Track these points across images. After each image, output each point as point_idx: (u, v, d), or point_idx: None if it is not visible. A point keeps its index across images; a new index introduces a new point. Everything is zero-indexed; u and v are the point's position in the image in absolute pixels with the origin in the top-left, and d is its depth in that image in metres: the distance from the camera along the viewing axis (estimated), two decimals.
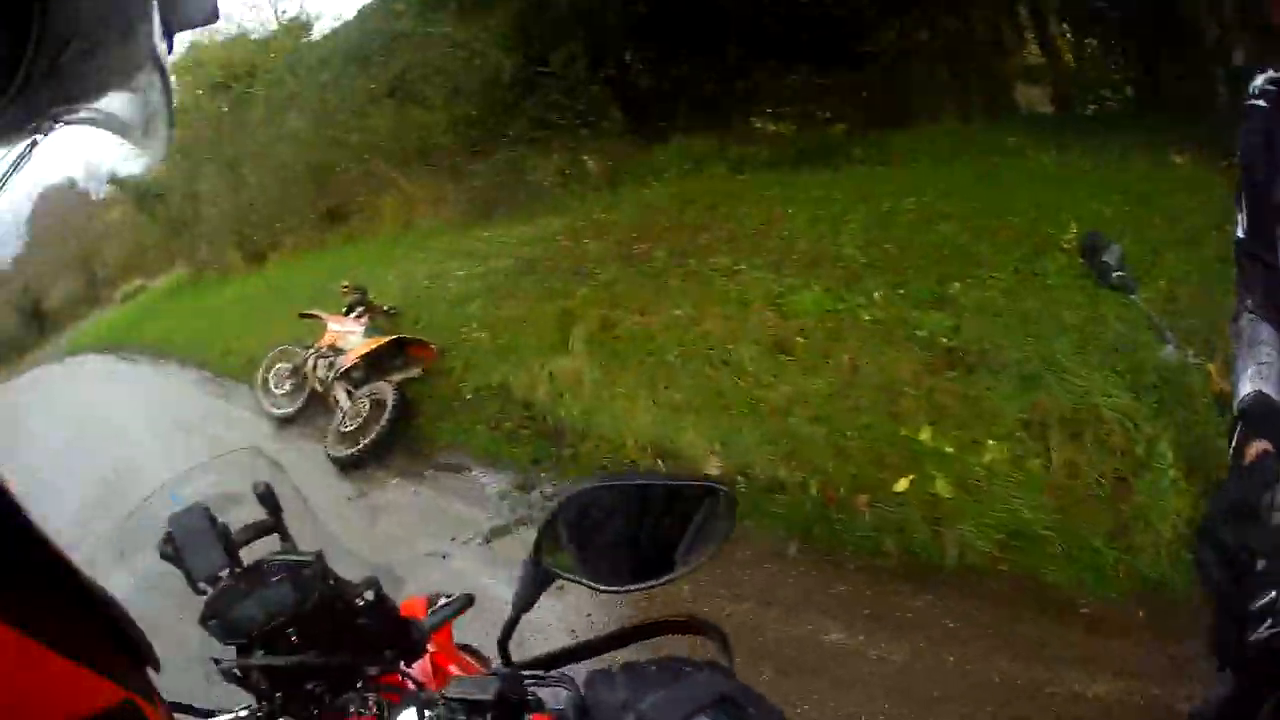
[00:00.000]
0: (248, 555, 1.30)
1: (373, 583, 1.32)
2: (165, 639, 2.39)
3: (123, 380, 16.47)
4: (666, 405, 4.75)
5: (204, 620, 1.24)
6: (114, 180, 27.72)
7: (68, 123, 0.46)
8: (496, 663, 1.23)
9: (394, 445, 6.17)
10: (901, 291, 4.54)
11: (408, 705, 1.12)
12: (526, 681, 1.05)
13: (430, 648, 1.41)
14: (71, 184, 45.35)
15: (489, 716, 1.00)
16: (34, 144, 0.48)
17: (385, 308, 7.36)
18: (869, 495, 3.59)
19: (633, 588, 1.03)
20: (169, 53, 0.50)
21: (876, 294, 4.59)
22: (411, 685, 1.25)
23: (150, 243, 28.86)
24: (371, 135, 12.71)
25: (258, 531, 1.34)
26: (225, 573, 1.25)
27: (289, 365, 7.79)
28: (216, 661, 1.24)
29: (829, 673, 3.01)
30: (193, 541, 1.27)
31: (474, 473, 5.55)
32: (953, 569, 3.29)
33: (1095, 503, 3.24)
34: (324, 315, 7.22)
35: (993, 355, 3.91)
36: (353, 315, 6.93)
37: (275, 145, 16.05)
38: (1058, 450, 3.41)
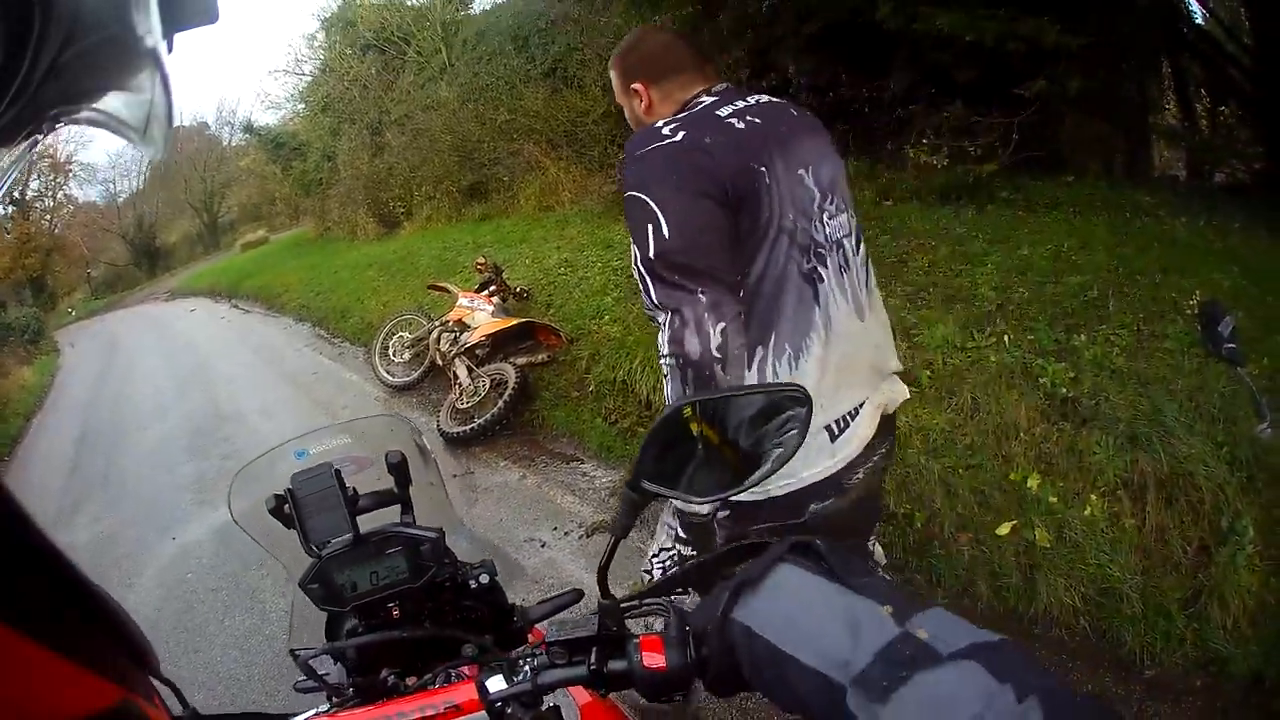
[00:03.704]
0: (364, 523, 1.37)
1: (488, 566, 1.40)
2: (228, 596, 4.88)
3: (233, 326, 17.18)
4: None
5: (305, 582, 1.33)
6: (249, 129, 29.80)
7: (68, 123, 0.51)
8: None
9: (508, 428, 6.40)
10: (1030, 337, 4.64)
11: (493, 674, 1.12)
12: (625, 615, 1.10)
13: (530, 639, 1.43)
14: (203, 127, 47.89)
15: (593, 651, 1.07)
16: (34, 144, 0.51)
17: (517, 289, 7.68)
18: (971, 535, 3.74)
19: (722, 495, 1.11)
20: (169, 52, 0.54)
21: (1006, 337, 4.68)
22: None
23: (279, 195, 30.60)
24: (522, 115, 13.13)
25: (382, 500, 1.41)
26: (342, 538, 1.33)
27: (410, 335, 8.30)
28: (295, 654, 1.31)
29: None
30: (316, 502, 1.33)
31: (585, 465, 5.77)
32: (1035, 617, 3.43)
33: (1176, 569, 3.35)
34: (454, 289, 7.59)
35: (1105, 411, 3.99)
36: (484, 293, 7.20)
37: (422, 114, 16.46)
38: (1152, 512, 3.52)
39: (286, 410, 9.36)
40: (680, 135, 1.85)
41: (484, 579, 1.37)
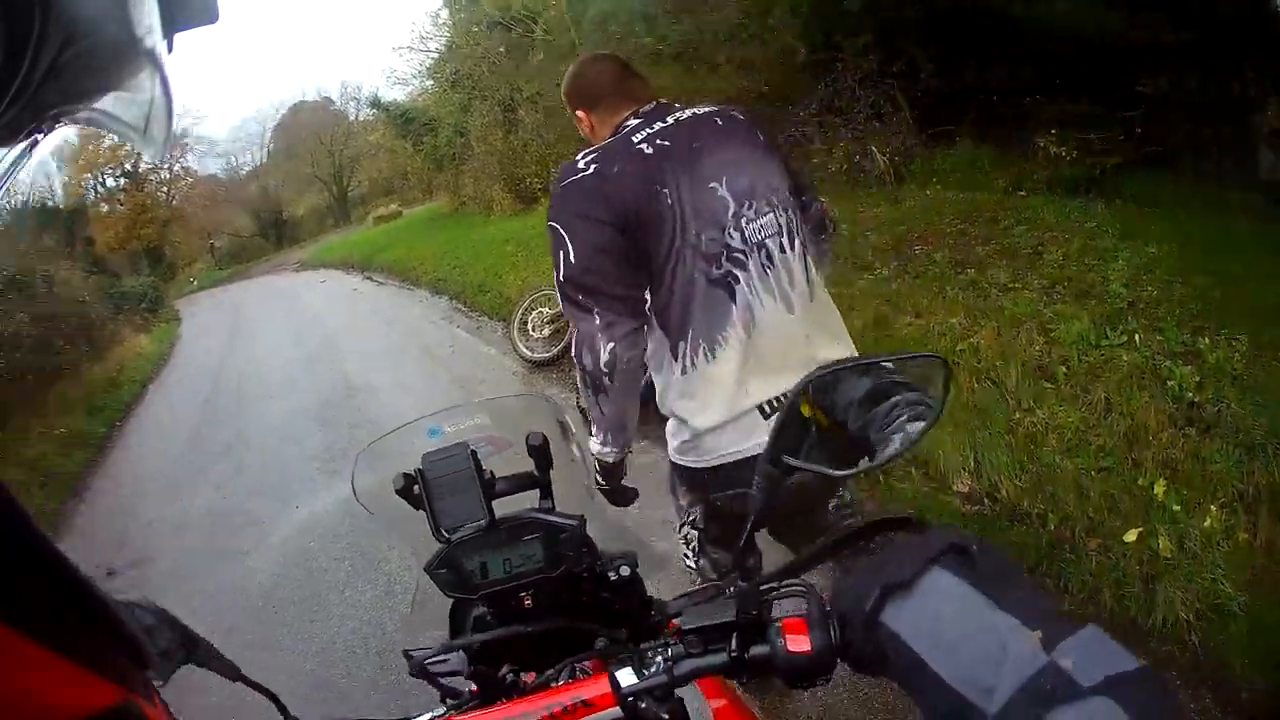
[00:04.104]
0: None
1: (629, 558, 1.32)
2: (351, 566, 5.33)
3: (366, 298, 17.43)
4: None
5: (432, 567, 1.28)
6: (376, 104, 30.18)
7: (68, 123, 0.52)
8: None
9: (650, 409, 6.72)
10: (1159, 338, 4.66)
11: (623, 666, 1.11)
12: (763, 598, 1.07)
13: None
14: (327, 102, 48.98)
15: (733, 638, 1.04)
16: (34, 144, 0.52)
17: None
18: (1099, 540, 3.68)
19: (867, 466, 1.09)
20: (169, 52, 0.55)
21: (1137, 336, 4.73)
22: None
23: (410, 170, 30.95)
24: (655, 93, 13.36)
25: (520, 484, 1.33)
26: (475, 523, 1.26)
27: (550, 310, 8.29)
28: (409, 655, 1.27)
29: None
30: (449, 484, 1.26)
31: None
32: (1152, 630, 3.33)
33: None
34: None
35: (1226, 418, 3.99)
36: None
37: (554, 91, 16.17)
38: (1263, 527, 3.45)
39: (421, 383, 9.50)
40: (591, 168, 2.13)
41: (624, 571, 1.31)
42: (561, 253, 2.13)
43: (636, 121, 2.25)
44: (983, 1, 7.65)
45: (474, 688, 1.32)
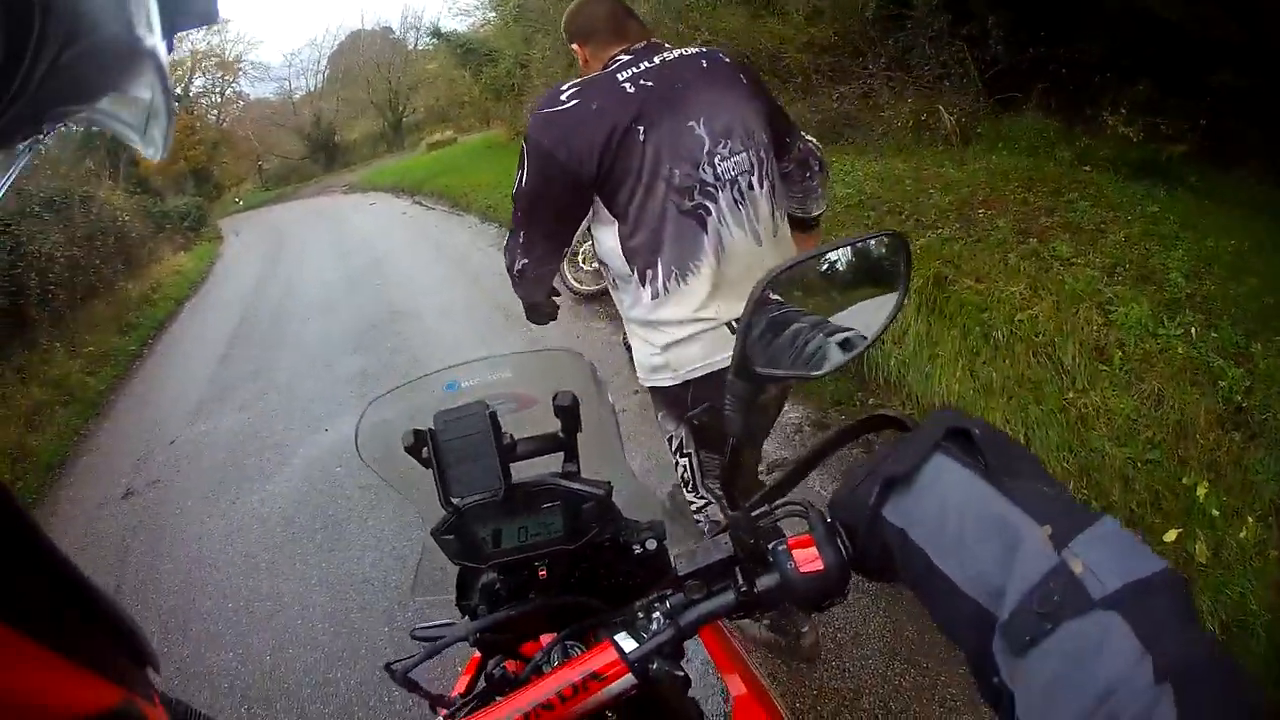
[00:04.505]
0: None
1: (656, 529, 1.26)
2: (376, 495, 5.51)
3: (415, 222, 17.61)
4: (983, 380, 4.85)
5: (439, 532, 1.23)
6: (436, 34, 29.99)
7: (68, 123, 0.52)
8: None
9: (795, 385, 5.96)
10: (1214, 335, 4.56)
11: (617, 630, 1.08)
12: (759, 523, 1.03)
13: None
14: (387, 31, 48.75)
15: (737, 573, 1.02)
16: (34, 144, 0.52)
17: None
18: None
19: (843, 361, 1.06)
20: (169, 52, 0.55)
21: (1193, 330, 4.64)
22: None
23: (468, 99, 31.17)
24: (723, 37, 12.99)
25: (543, 447, 1.27)
26: (489, 488, 1.20)
27: None
28: (390, 669, 1.21)
29: None
30: (461, 447, 1.20)
31: None
32: None
33: None
34: None
35: (1273, 428, 3.90)
36: None
37: None
38: None
39: (466, 310, 9.68)
40: (571, 103, 2.33)
41: (650, 544, 1.25)
42: (520, 171, 2.41)
43: (626, 58, 2.48)
44: None
45: (460, 690, 1.34)
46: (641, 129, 2.32)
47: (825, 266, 1.06)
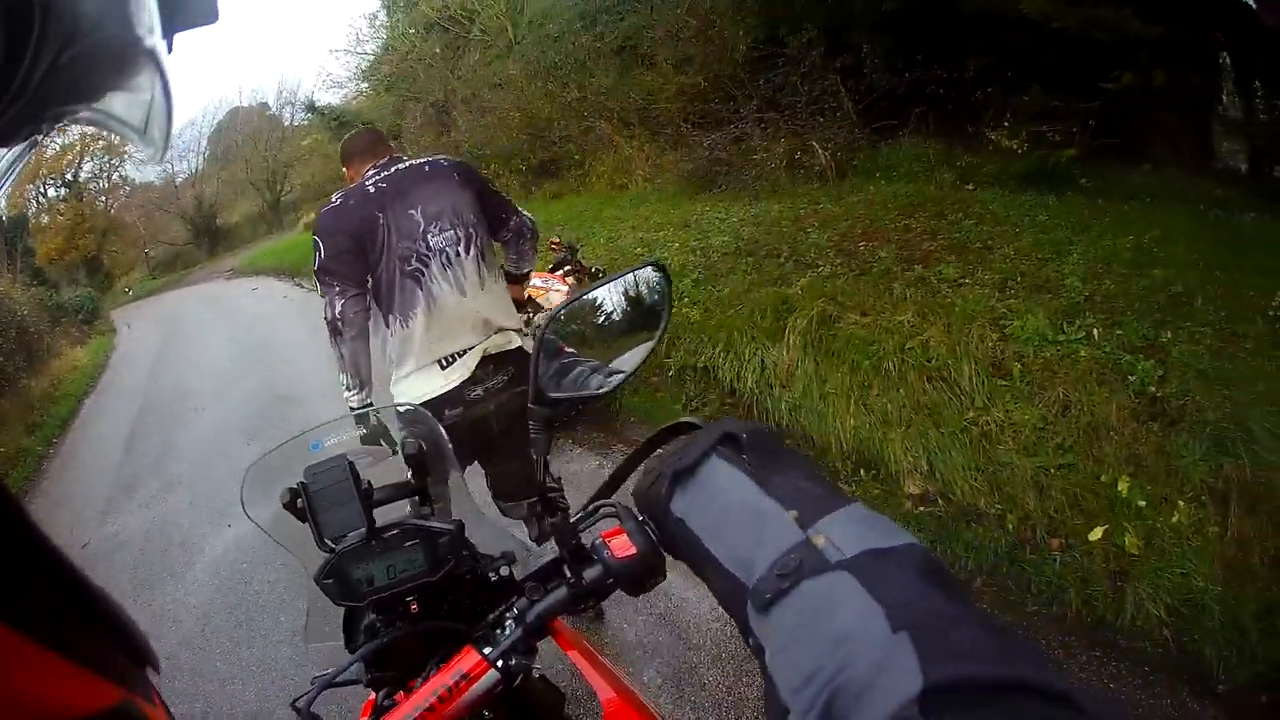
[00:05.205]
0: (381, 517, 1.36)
1: (508, 557, 1.38)
2: (285, 591, 5.15)
3: (295, 304, 17.45)
4: (878, 413, 4.86)
5: (320, 577, 1.32)
6: (311, 108, 30.41)
7: (68, 123, 0.50)
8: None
9: (583, 414, 6.18)
10: (1119, 332, 4.58)
11: (485, 638, 1.22)
12: (579, 528, 1.19)
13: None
14: (263, 107, 48.41)
15: (567, 570, 1.16)
16: (34, 144, 0.52)
17: (593, 269, 7.38)
18: (1061, 539, 3.75)
19: (621, 380, 1.23)
20: (169, 52, 0.55)
21: (1095, 331, 4.64)
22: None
23: (342, 175, 30.67)
24: (593, 93, 13.20)
25: (399, 492, 1.41)
26: (357, 532, 1.31)
27: None
28: (295, 707, 1.32)
29: None
30: (329, 496, 1.31)
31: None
32: (1123, 627, 3.41)
33: (1254, 580, 3.28)
34: None
35: (1192, 412, 3.93)
36: (559, 273, 6.89)
37: (489, 92, 16.50)
38: (1234, 520, 3.45)
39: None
40: (338, 201, 3.15)
41: (504, 571, 1.37)
42: (316, 252, 3.14)
43: (373, 172, 3.25)
44: None
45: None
46: (381, 216, 3.10)
47: (598, 301, 1.26)
